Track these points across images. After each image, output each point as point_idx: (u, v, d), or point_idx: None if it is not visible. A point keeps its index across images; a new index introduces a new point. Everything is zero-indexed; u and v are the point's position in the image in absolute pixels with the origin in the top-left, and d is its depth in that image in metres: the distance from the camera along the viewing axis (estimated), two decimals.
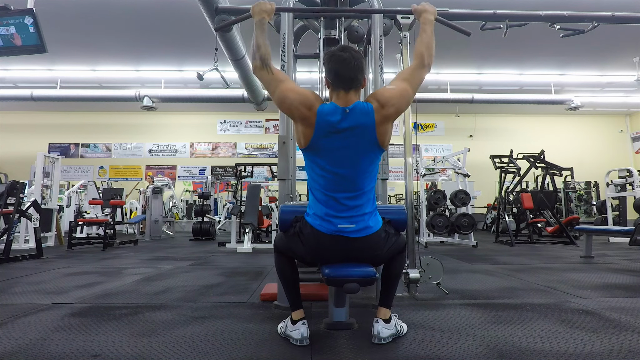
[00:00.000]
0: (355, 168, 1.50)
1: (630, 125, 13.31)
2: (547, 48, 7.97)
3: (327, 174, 1.51)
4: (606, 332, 1.68)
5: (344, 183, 1.50)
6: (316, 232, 1.52)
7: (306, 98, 1.50)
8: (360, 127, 1.47)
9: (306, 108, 1.48)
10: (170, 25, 7.04)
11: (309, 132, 1.48)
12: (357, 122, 1.47)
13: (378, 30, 2.56)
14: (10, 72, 9.07)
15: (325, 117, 1.47)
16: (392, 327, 1.59)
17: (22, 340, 1.61)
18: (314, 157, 1.52)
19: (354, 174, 1.50)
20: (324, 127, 1.47)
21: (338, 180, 1.50)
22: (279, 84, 1.55)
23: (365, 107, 1.49)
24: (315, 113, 1.47)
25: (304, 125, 1.50)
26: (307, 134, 1.49)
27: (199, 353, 1.47)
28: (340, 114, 1.47)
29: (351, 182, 1.50)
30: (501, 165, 7.27)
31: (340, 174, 1.50)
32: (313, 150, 1.51)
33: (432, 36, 1.68)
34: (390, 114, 1.50)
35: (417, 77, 1.61)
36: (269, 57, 1.57)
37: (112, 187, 9.51)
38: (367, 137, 1.48)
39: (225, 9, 3.22)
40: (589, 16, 2.92)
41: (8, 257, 4.14)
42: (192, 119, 12.66)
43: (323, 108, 1.48)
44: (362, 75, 1.51)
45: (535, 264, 3.89)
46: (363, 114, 1.48)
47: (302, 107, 1.48)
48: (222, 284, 2.91)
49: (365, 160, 1.51)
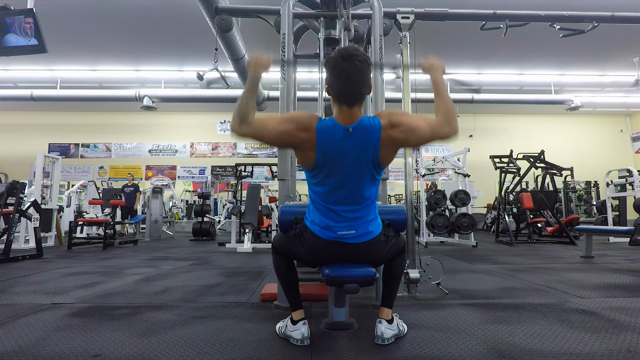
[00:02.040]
0: (357, 184, 1.46)
1: (630, 125, 13.32)
2: (547, 48, 7.97)
3: (328, 191, 1.48)
4: (606, 332, 1.68)
5: (345, 198, 1.48)
6: (316, 237, 1.52)
7: (300, 122, 1.41)
8: (364, 144, 1.40)
9: (304, 131, 1.40)
10: (170, 25, 7.05)
11: (312, 154, 1.42)
12: (361, 140, 1.40)
13: (378, 30, 2.56)
14: (10, 72, 9.07)
15: (327, 136, 1.40)
16: (395, 328, 1.59)
17: (22, 340, 1.61)
18: (317, 175, 1.48)
19: (357, 189, 1.47)
20: (326, 146, 1.41)
21: (339, 196, 1.48)
22: (265, 126, 1.41)
23: (372, 124, 1.41)
24: (314, 132, 1.40)
25: (305, 149, 1.43)
26: (309, 156, 1.43)
27: (199, 353, 1.47)
28: (342, 133, 1.40)
29: (353, 196, 1.48)
30: (501, 165, 7.27)
31: (342, 190, 1.47)
32: (316, 171, 1.47)
33: (448, 97, 1.48)
34: (398, 139, 1.41)
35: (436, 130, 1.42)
36: (249, 114, 1.39)
37: (112, 187, 9.52)
38: (369, 155, 1.42)
39: (225, 9, 3.22)
40: (589, 16, 2.93)
41: (8, 257, 4.14)
42: (192, 119, 12.66)
43: (322, 125, 1.41)
44: (368, 87, 1.41)
45: (535, 264, 3.89)
46: (367, 132, 1.40)
47: (300, 132, 1.40)
48: (222, 284, 2.91)
49: (367, 176, 1.47)
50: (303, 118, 1.43)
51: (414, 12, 2.77)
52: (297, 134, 1.41)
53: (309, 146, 1.42)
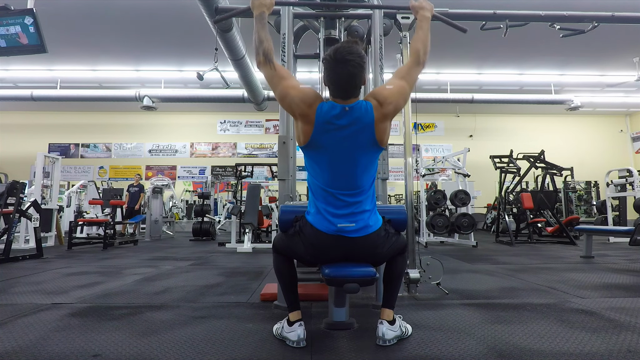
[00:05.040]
0: (354, 165, 1.51)
1: (630, 125, 13.32)
2: (547, 48, 7.97)
3: (326, 171, 1.52)
4: (606, 332, 1.68)
5: (343, 180, 1.51)
6: (316, 231, 1.53)
7: (307, 95, 1.51)
8: (360, 124, 1.48)
9: (306, 105, 1.49)
10: (170, 25, 7.05)
11: (309, 128, 1.49)
12: (356, 120, 1.48)
13: (378, 30, 2.56)
14: (10, 72, 9.07)
15: (325, 114, 1.48)
16: (397, 329, 1.59)
17: (22, 340, 1.61)
18: (313, 154, 1.53)
19: (353, 171, 1.51)
20: (323, 124, 1.48)
21: (337, 177, 1.51)
22: (281, 80, 1.56)
23: (365, 106, 1.50)
24: (315, 110, 1.48)
25: (303, 122, 1.51)
26: (306, 130, 1.50)
27: (199, 353, 1.47)
28: (340, 111, 1.48)
29: (350, 179, 1.51)
30: (501, 165, 7.27)
31: (339, 171, 1.51)
32: (312, 148, 1.52)
33: (428, 33, 1.66)
34: (389, 111, 1.51)
35: (413, 74, 1.62)
36: (271, 52, 1.57)
37: (112, 187, 9.52)
38: (366, 134, 1.49)
39: (225, 9, 3.22)
40: (589, 16, 2.93)
41: (8, 257, 4.14)
42: (192, 119, 12.66)
43: (322, 106, 1.50)
44: (362, 81, 1.50)
45: (535, 264, 3.89)
46: (363, 112, 1.48)
47: (302, 104, 1.49)
48: (222, 284, 2.91)
49: (364, 158, 1.52)
50: (310, 94, 1.52)
51: None
52: (300, 104, 1.50)
53: (308, 120, 1.49)
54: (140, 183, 8.51)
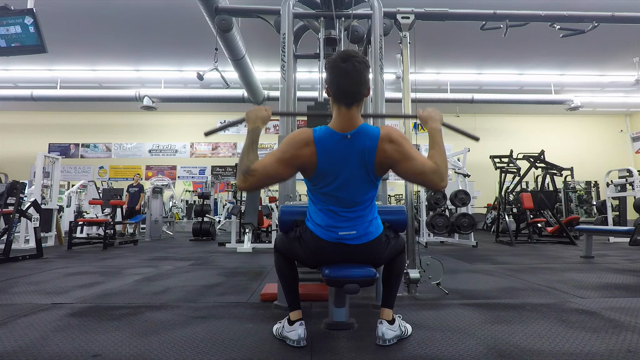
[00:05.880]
0: (356, 190, 1.47)
1: (630, 125, 13.32)
2: (547, 48, 7.98)
3: (328, 195, 1.48)
4: (606, 332, 1.68)
5: (344, 201, 1.48)
6: (317, 238, 1.52)
7: (297, 141, 1.41)
8: (361, 151, 1.41)
9: (305, 147, 1.41)
10: (170, 25, 7.05)
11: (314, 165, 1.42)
12: (358, 147, 1.41)
13: (378, 30, 2.56)
14: (10, 72, 9.07)
15: (325, 145, 1.41)
16: (397, 329, 1.59)
17: (22, 340, 1.61)
18: (317, 182, 1.48)
19: (355, 194, 1.47)
20: (326, 155, 1.41)
21: (338, 199, 1.48)
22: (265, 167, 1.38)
23: (372, 132, 1.42)
24: (314, 143, 1.41)
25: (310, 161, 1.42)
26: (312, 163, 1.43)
27: (199, 353, 1.47)
28: (340, 139, 1.41)
29: (352, 200, 1.48)
30: (501, 165, 7.27)
31: (341, 195, 1.47)
32: (317, 178, 1.47)
33: (444, 149, 1.48)
34: (391, 156, 1.41)
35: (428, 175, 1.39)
36: (251, 166, 1.37)
37: (112, 187, 9.52)
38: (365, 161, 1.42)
39: (225, 9, 3.22)
40: (589, 16, 2.93)
41: (8, 257, 4.14)
42: (192, 119, 12.66)
43: (319, 135, 1.42)
44: (366, 88, 1.42)
45: (535, 264, 3.89)
46: (366, 138, 1.41)
47: (302, 151, 1.40)
48: (222, 284, 2.91)
49: (366, 183, 1.47)
50: (298, 137, 1.42)
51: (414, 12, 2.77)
52: (300, 154, 1.40)
53: (314, 159, 1.41)
54: (139, 183, 8.51)
